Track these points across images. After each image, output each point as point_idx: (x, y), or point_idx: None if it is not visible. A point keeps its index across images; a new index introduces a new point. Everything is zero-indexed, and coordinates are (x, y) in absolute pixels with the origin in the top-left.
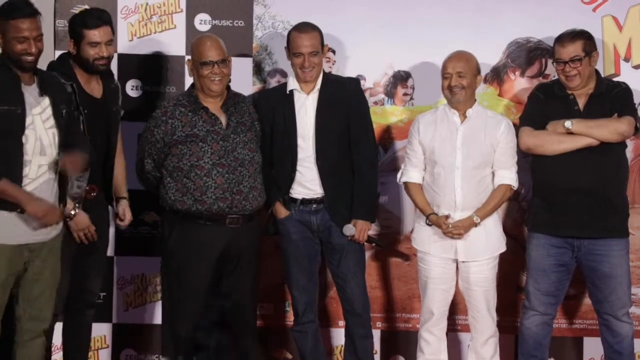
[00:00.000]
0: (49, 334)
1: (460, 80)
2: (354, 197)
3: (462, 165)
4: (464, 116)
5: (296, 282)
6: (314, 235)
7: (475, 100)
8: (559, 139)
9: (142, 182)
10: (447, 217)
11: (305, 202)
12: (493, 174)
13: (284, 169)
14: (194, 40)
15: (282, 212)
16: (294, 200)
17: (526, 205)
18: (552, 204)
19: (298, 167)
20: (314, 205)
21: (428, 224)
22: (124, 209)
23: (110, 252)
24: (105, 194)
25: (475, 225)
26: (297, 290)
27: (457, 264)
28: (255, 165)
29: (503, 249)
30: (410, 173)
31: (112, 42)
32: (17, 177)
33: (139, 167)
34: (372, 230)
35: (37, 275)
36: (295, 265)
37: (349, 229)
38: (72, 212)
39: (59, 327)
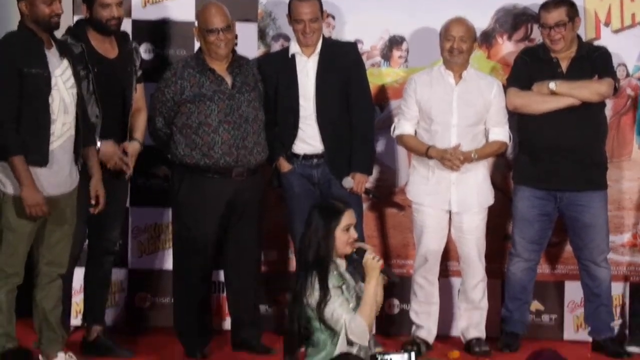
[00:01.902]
0: (67, 277)
1: (461, 44)
2: (352, 152)
3: (458, 123)
4: (459, 78)
5: (298, 230)
6: (315, 187)
7: (469, 64)
8: (544, 99)
9: (153, 139)
10: (455, 148)
11: (306, 157)
12: (486, 130)
13: (287, 127)
14: (200, 7)
15: (285, 166)
16: (297, 155)
17: (512, 161)
18: (536, 159)
19: (300, 125)
20: (315, 160)
21: (428, 157)
22: (127, 146)
23: (126, 203)
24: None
25: (471, 160)
26: (299, 238)
27: (450, 214)
28: (258, 123)
29: (492, 201)
30: (404, 126)
31: (121, 3)
32: (46, 136)
33: (150, 125)
34: (369, 182)
35: (56, 224)
36: (298, 215)
37: (348, 182)
38: (96, 147)
39: (80, 272)
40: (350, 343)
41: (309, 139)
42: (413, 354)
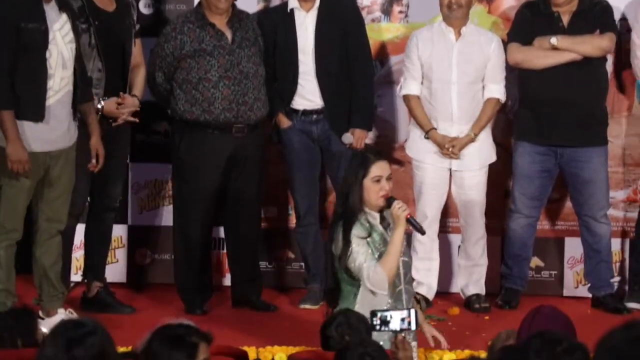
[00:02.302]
0: (68, 234)
1: None
2: (352, 108)
3: (457, 80)
4: (458, 34)
5: (298, 187)
6: (314, 143)
7: (469, 19)
8: (545, 54)
9: (153, 94)
10: (453, 139)
11: (306, 112)
12: (484, 87)
13: (286, 82)
14: None
15: (284, 122)
16: (296, 111)
17: (513, 117)
18: (537, 115)
19: (299, 80)
20: (314, 116)
21: (426, 138)
22: (125, 98)
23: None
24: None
25: (473, 141)
26: (299, 195)
27: (451, 171)
28: (259, 78)
29: (494, 158)
30: (410, 86)
31: None
32: (43, 90)
33: (150, 80)
34: (369, 138)
35: (55, 180)
36: (297, 172)
37: (347, 138)
38: (99, 106)
39: (80, 228)
40: (373, 293)
41: (308, 95)
42: (413, 311)
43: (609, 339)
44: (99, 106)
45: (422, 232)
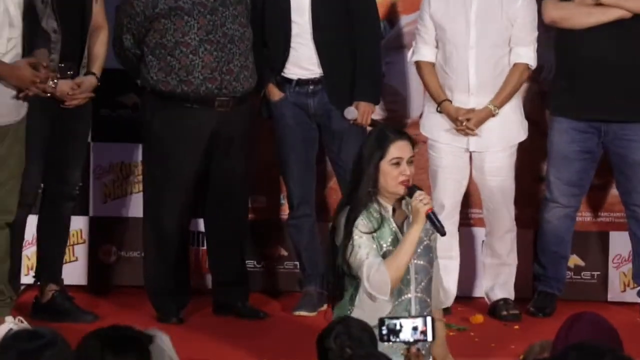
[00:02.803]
0: (17, 227)
1: None
2: (356, 77)
3: (476, 44)
4: None
5: (291, 171)
6: (310, 119)
7: None
8: (588, 11)
9: (120, 60)
10: (469, 111)
11: (301, 83)
12: (510, 52)
13: (277, 47)
14: None
15: (275, 93)
16: (289, 81)
17: (548, 87)
18: (577, 85)
19: (292, 45)
20: (311, 87)
21: (438, 111)
22: (82, 82)
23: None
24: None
25: (494, 115)
26: (292, 181)
27: (471, 153)
28: (246, 42)
29: (523, 137)
30: (423, 51)
31: None
32: None
33: (117, 44)
34: (376, 114)
35: (1, 162)
36: (290, 152)
37: (351, 112)
38: (52, 84)
39: (32, 220)
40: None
41: (303, 62)
42: (429, 319)
43: None
44: (51, 83)
45: (443, 233)
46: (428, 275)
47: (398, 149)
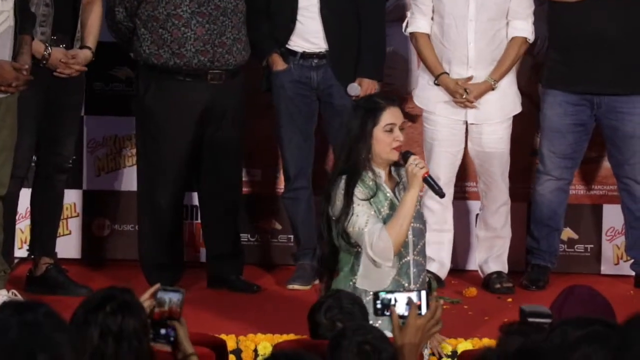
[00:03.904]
0: (10, 200)
1: None
2: (361, 53)
3: (475, 17)
4: None
5: (289, 142)
6: (312, 93)
7: None
8: None
9: (113, 34)
10: (467, 79)
11: (305, 55)
12: (507, 24)
13: (282, 20)
14: None
15: (279, 63)
16: (293, 53)
17: (541, 59)
18: (570, 57)
19: (299, 17)
20: (315, 60)
21: (436, 84)
22: (76, 54)
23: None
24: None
25: (493, 89)
26: (289, 152)
27: (467, 125)
28: (239, 15)
29: (518, 109)
30: (419, 22)
31: None
32: None
33: (109, 17)
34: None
35: None
36: (289, 123)
37: (354, 89)
38: (46, 53)
39: (25, 193)
40: (375, 264)
41: (309, 35)
42: (423, 293)
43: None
44: (46, 53)
45: (442, 195)
46: (423, 239)
47: (390, 115)
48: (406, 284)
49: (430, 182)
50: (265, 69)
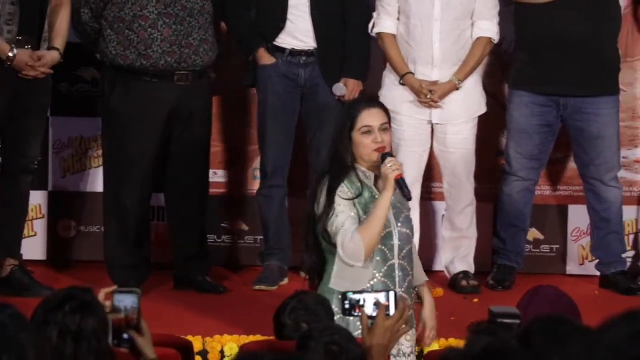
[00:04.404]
0: None
1: None
2: (346, 53)
3: (440, 16)
4: None
5: (270, 138)
6: (297, 90)
7: None
8: None
9: (78, 34)
10: (432, 83)
11: (294, 53)
12: (472, 25)
13: (272, 17)
14: None
15: (267, 58)
16: (281, 49)
17: (507, 60)
18: (536, 58)
19: (288, 16)
20: (304, 58)
21: (401, 84)
22: (43, 55)
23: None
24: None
25: (457, 88)
26: (269, 148)
27: (432, 125)
28: (205, 15)
29: (483, 110)
30: (385, 22)
31: None
32: None
33: (75, 18)
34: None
35: None
36: (272, 119)
37: (339, 89)
38: (10, 54)
39: None
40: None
41: (299, 34)
42: (392, 294)
43: (608, 334)
44: (10, 54)
45: (408, 198)
46: (409, 244)
47: (366, 117)
48: (392, 287)
49: (400, 185)
50: (250, 64)
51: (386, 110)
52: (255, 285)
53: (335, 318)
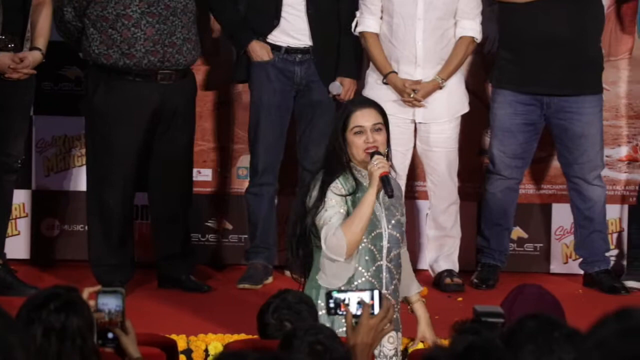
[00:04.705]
0: None
1: None
2: (341, 52)
3: (424, 16)
4: None
5: (263, 135)
6: (292, 87)
7: None
8: None
9: (61, 33)
10: (416, 82)
11: (290, 50)
12: (455, 24)
13: (265, 14)
14: None
15: (259, 49)
16: (277, 47)
17: (491, 60)
18: (520, 57)
19: (283, 14)
20: (299, 55)
21: (384, 83)
22: (25, 56)
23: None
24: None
25: (441, 87)
26: (261, 145)
27: (416, 124)
28: (189, 15)
29: (466, 109)
30: (368, 22)
31: None
32: None
33: (57, 16)
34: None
35: None
36: (266, 116)
37: (336, 87)
38: None
39: None
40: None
41: (294, 32)
42: (376, 293)
43: (599, 331)
44: None
45: (390, 196)
46: (398, 248)
47: (358, 118)
48: (379, 288)
49: (384, 182)
50: (241, 59)
51: (382, 111)
52: (239, 284)
53: (321, 313)
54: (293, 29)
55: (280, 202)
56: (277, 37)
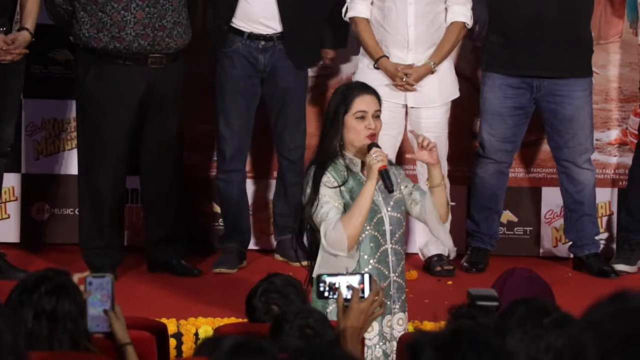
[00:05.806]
0: None
1: None
2: (323, 28)
3: (415, 0)
4: None
5: (230, 121)
6: (256, 74)
7: None
8: None
9: (51, 17)
10: (408, 67)
11: (252, 36)
12: (446, 10)
13: None
14: None
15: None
16: (240, 32)
17: (481, 44)
18: (510, 41)
19: None
20: (262, 42)
21: (376, 68)
22: (15, 37)
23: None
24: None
25: (433, 72)
26: (228, 131)
27: (407, 109)
28: None
29: (456, 94)
30: (358, 7)
31: None
32: None
33: None
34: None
35: None
36: (232, 102)
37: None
38: None
39: None
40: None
41: (261, 17)
42: (367, 276)
43: (593, 312)
44: None
45: (390, 190)
46: (401, 228)
47: (362, 103)
48: (386, 272)
49: (383, 176)
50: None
51: (379, 98)
52: (215, 268)
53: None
54: (259, 15)
55: (257, 187)
56: (240, 22)
